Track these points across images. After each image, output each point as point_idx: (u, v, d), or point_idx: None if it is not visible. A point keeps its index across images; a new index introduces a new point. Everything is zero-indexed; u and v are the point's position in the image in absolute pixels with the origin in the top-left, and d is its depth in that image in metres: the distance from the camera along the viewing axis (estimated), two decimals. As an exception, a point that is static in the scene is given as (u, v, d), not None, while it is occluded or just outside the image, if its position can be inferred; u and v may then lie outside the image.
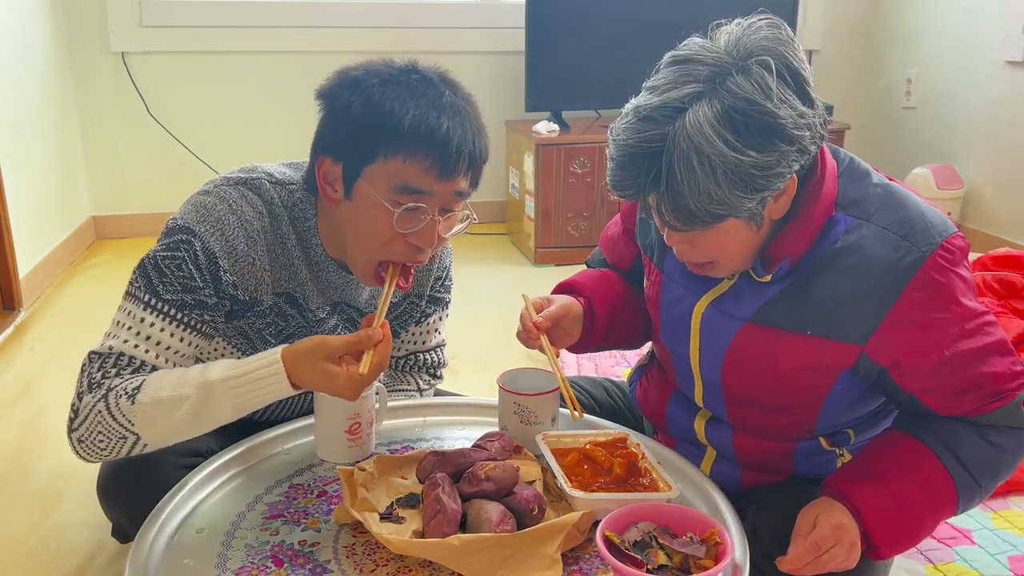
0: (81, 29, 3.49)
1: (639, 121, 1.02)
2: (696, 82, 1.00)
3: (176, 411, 1.11)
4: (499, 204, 4.04)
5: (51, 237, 3.20)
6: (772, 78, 0.99)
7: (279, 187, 1.27)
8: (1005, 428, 1.13)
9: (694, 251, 1.12)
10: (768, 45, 1.01)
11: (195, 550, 1.05)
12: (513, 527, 1.03)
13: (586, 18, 3.54)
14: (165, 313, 1.18)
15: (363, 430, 1.23)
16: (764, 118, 0.98)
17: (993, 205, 3.47)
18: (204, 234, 1.19)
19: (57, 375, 2.40)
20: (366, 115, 1.14)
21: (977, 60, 3.47)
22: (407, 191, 1.14)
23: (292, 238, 1.26)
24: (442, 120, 1.13)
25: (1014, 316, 2.38)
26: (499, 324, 2.84)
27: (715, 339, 1.21)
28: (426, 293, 1.47)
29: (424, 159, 1.13)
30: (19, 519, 1.77)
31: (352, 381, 1.09)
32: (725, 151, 0.98)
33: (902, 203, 1.12)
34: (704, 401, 1.28)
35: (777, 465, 1.27)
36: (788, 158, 1.01)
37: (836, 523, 1.08)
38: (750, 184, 1.00)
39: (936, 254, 1.07)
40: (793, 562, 1.06)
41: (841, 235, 1.10)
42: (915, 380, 1.12)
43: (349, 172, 1.17)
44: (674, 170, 1.00)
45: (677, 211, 1.03)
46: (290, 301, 1.30)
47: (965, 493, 1.12)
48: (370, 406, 1.23)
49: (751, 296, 1.16)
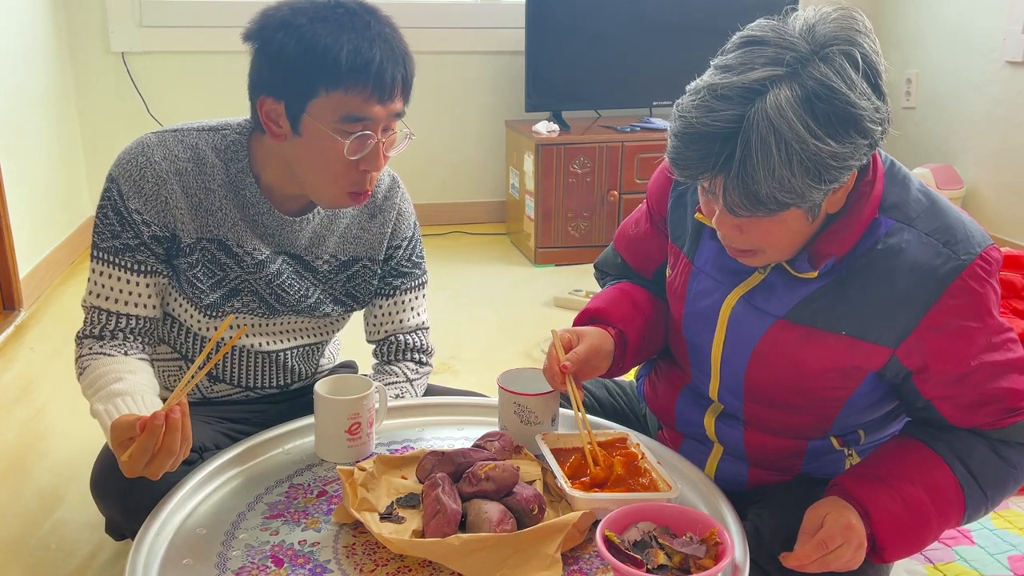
0: (81, 29, 3.49)
1: (714, 99, 0.99)
2: (776, 65, 0.97)
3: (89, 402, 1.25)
4: (499, 204, 4.04)
5: (51, 237, 3.20)
6: (855, 71, 0.97)
7: (210, 132, 1.34)
8: (1016, 444, 1.13)
9: (743, 237, 1.08)
10: (846, 35, 0.99)
11: (195, 550, 1.05)
12: (513, 527, 1.03)
13: (586, 18, 3.54)
14: (107, 261, 1.31)
15: (363, 430, 1.23)
16: (847, 108, 0.96)
17: (993, 205, 3.47)
18: (118, 177, 1.30)
19: (57, 375, 2.40)
20: (302, 55, 1.20)
21: (977, 60, 3.47)
22: (351, 119, 1.22)
23: (219, 180, 1.32)
24: (374, 50, 1.21)
25: (1014, 316, 2.38)
26: (499, 324, 2.84)
27: (743, 334, 1.20)
28: (379, 257, 1.48)
29: (364, 89, 1.21)
30: (19, 519, 1.77)
31: (122, 464, 1.08)
32: (807, 137, 0.95)
33: (944, 211, 1.12)
34: (719, 396, 1.27)
35: (785, 464, 1.26)
36: (860, 151, 1.00)
37: (845, 523, 1.07)
38: (824, 174, 0.98)
39: (975, 263, 1.07)
40: (800, 558, 1.06)
41: (882, 237, 1.10)
42: (936, 387, 1.12)
43: (292, 109, 1.23)
44: (750, 152, 0.97)
45: (746, 195, 0.99)
46: (222, 248, 1.34)
47: (972, 504, 1.12)
48: (370, 406, 1.23)
49: (785, 293, 1.15)
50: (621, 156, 3.46)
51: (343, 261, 1.44)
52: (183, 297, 1.37)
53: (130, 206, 1.29)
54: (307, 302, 1.43)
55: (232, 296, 1.37)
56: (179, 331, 1.41)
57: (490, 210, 4.06)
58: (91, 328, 1.33)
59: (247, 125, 1.34)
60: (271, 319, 1.43)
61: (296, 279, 1.40)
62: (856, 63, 0.98)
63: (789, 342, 1.15)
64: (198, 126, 1.35)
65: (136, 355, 1.32)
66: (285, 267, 1.39)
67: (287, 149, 1.27)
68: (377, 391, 1.28)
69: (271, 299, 1.40)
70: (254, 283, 1.37)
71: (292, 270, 1.40)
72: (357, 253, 1.45)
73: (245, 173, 1.32)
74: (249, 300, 1.38)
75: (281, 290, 1.39)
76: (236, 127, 1.34)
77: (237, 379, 1.46)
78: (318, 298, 1.44)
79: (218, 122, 1.36)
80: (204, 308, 1.36)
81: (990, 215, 3.48)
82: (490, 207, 4.06)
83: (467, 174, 4.01)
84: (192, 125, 1.35)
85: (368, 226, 1.45)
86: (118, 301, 1.32)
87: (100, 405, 1.21)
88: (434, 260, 3.54)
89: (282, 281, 1.39)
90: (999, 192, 3.44)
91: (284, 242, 1.38)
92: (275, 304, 1.40)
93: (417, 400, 1.44)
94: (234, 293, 1.37)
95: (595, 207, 3.49)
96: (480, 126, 3.95)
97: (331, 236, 1.42)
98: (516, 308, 3.02)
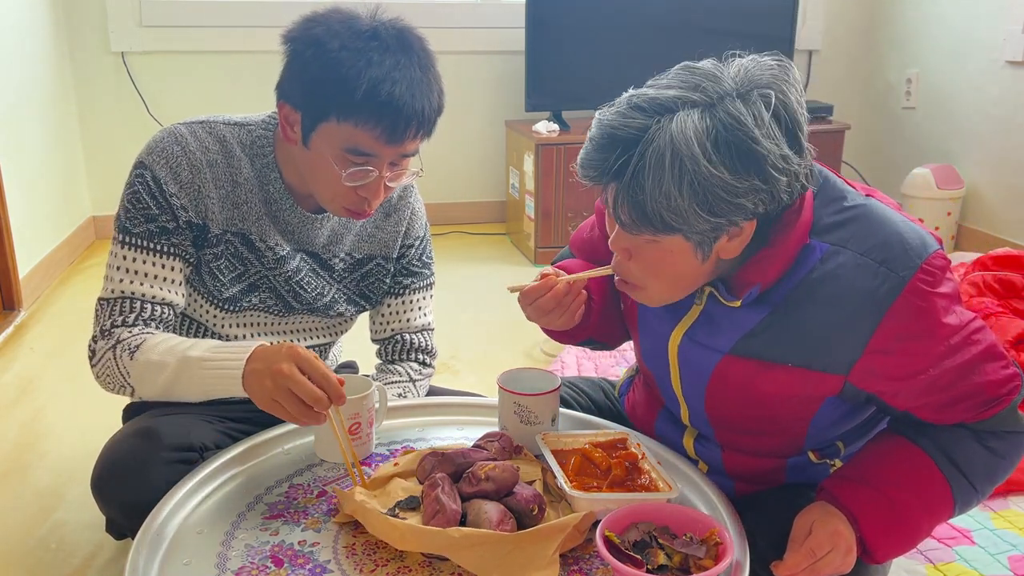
0: (81, 29, 3.49)
1: (629, 108, 1.01)
2: (695, 91, 0.99)
3: (159, 375, 1.22)
4: (499, 204, 4.04)
5: (51, 237, 3.20)
6: (767, 112, 0.98)
7: (236, 127, 1.35)
8: (1003, 432, 1.12)
9: (631, 265, 1.09)
10: (772, 82, 1.00)
11: (195, 550, 1.05)
12: (513, 527, 1.03)
13: (586, 18, 3.54)
14: (140, 246, 1.29)
15: (363, 430, 1.23)
16: (748, 143, 0.97)
17: (993, 205, 3.47)
18: (152, 163, 1.29)
19: (57, 375, 2.40)
20: (323, 79, 1.20)
21: (977, 60, 3.47)
22: (356, 152, 1.23)
23: (246, 174, 1.33)
24: (394, 90, 1.19)
25: (1014, 316, 2.38)
26: (499, 324, 2.84)
27: (694, 370, 1.19)
28: (392, 256, 1.50)
29: (374, 128, 1.21)
30: (19, 519, 1.77)
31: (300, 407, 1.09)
32: (699, 160, 0.96)
33: (880, 225, 1.08)
34: (691, 422, 1.27)
35: (768, 478, 1.26)
36: (757, 195, 0.99)
37: (832, 529, 1.07)
38: (713, 204, 0.98)
39: (915, 278, 1.04)
40: (790, 568, 1.05)
41: (817, 263, 1.07)
42: (907, 400, 1.11)
43: (306, 123, 1.25)
44: (644, 163, 0.98)
45: (633, 206, 1.00)
46: (245, 242, 1.35)
47: (961, 497, 1.12)
48: (370, 406, 1.23)
49: (728, 327, 1.14)
50: (621, 156, 3.45)
51: (358, 259, 1.46)
52: (199, 293, 1.37)
53: (168, 190, 1.28)
54: (322, 300, 1.44)
55: (251, 291, 1.38)
56: (189, 327, 1.41)
57: (490, 210, 4.06)
58: (122, 317, 1.27)
59: (271, 122, 1.36)
60: (286, 317, 1.44)
61: (313, 277, 1.42)
62: (770, 106, 0.98)
63: (740, 376, 1.14)
64: (224, 120, 1.36)
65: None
66: (303, 265, 1.40)
67: (297, 153, 1.30)
68: (377, 391, 1.28)
69: (288, 296, 1.41)
70: (273, 280, 1.39)
71: (309, 268, 1.41)
72: (372, 251, 1.47)
73: (271, 169, 1.34)
74: (267, 297, 1.40)
75: (300, 287, 1.41)
76: (261, 123, 1.36)
77: None
78: (333, 297, 1.45)
79: (241, 117, 1.37)
80: (222, 302, 1.37)
81: (990, 215, 3.48)
82: (490, 207, 4.06)
83: (467, 174, 4.01)
84: (218, 118, 1.36)
85: (383, 225, 1.47)
86: (152, 286, 1.29)
87: (198, 352, 1.19)
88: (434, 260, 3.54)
89: (300, 279, 1.40)
90: (999, 192, 3.44)
91: (304, 239, 1.39)
92: (292, 302, 1.42)
93: (417, 400, 1.44)
94: (253, 288, 1.38)
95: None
96: (480, 126, 3.95)
97: (348, 235, 1.44)
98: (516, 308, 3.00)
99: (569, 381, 1.52)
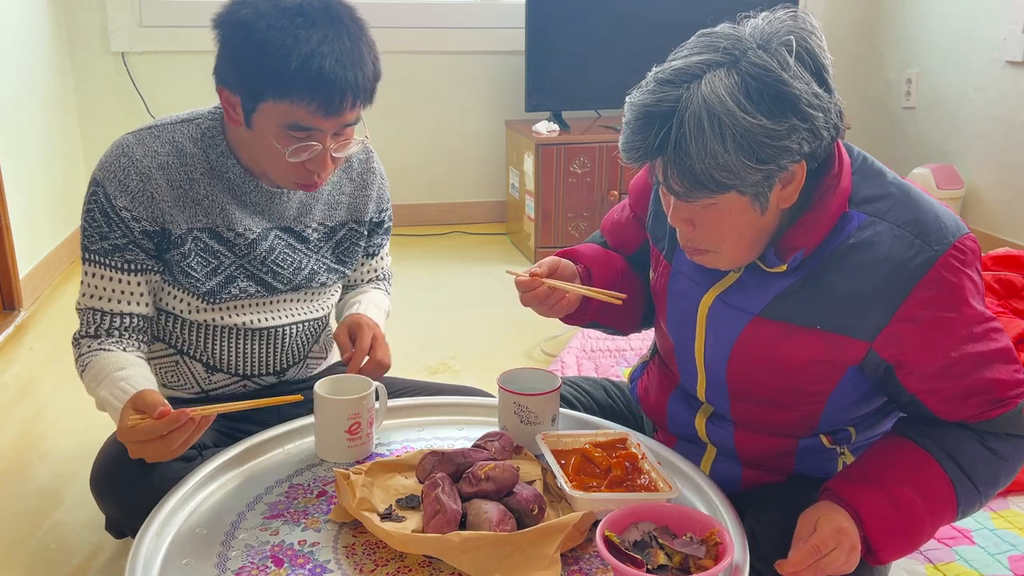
0: (81, 29, 3.49)
1: (656, 84, 1.04)
2: (717, 52, 1.02)
3: (93, 395, 1.29)
4: (499, 204, 4.04)
5: (51, 237, 3.20)
6: (790, 56, 1.01)
7: (184, 124, 1.37)
8: (1005, 435, 1.13)
9: (696, 233, 1.11)
10: (792, 30, 1.04)
11: (195, 550, 1.05)
12: (513, 527, 1.03)
13: (586, 18, 3.54)
14: (98, 263, 1.33)
15: (363, 430, 1.23)
16: (778, 86, 1.00)
17: (993, 205, 3.47)
18: (103, 179, 1.32)
19: (57, 375, 2.40)
20: (254, 61, 1.22)
21: (977, 60, 3.47)
22: (296, 128, 1.25)
23: (201, 168, 1.35)
24: (324, 64, 1.20)
25: (1014, 316, 2.38)
26: (499, 324, 2.84)
27: (722, 333, 1.20)
28: (365, 219, 1.53)
29: (310, 103, 1.22)
30: (19, 519, 1.77)
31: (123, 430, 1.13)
32: (736, 112, 0.99)
33: (916, 203, 1.11)
34: (706, 396, 1.28)
35: (778, 463, 1.26)
36: (798, 134, 1.01)
37: (837, 527, 1.07)
38: (757, 152, 1.00)
39: (948, 254, 1.07)
40: (794, 565, 1.05)
41: (854, 231, 1.10)
42: (920, 381, 1.12)
43: (246, 105, 1.27)
44: (684, 130, 1.00)
45: (683, 173, 1.03)
46: (213, 236, 1.37)
47: (965, 500, 1.12)
48: (370, 406, 1.23)
49: (759, 290, 1.16)
50: (621, 156, 3.46)
51: (331, 227, 1.49)
52: (178, 288, 1.38)
53: (117, 204, 1.31)
54: (302, 274, 1.46)
55: (229, 283, 1.40)
56: (175, 324, 1.42)
57: (490, 210, 4.06)
58: (87, 328, 1.35)
59: (218, 112, 1.37)
60: (271, 298, 1.46)
61: (289, 252, 1.44)
62: (792, 50, 1.02)
63: (766, 338, 1.16)
64: (171, 120, 1.38)
65: (133, 352, 1.34)
66: (278, 242, 1.42)
67: (244, 134, 1.32)
68: (377, 391, 1.28)
69: (268, 278, 1.42)
70: (248, 266, 1.40)
71: (285, 244, 1.43)
72: (344, 218, 1.50)
73: (226, 156, 1.36)
74: (247, 285, 1.41)
75: (276, 266, 1.42)
76: (208, 115, 1.38)
77: (234, 366, 1.46)
78: (312, 268, 1.47)
79: (189, 113, 1.39)
80: (203, 295, 1.38)
81: (990, 215, 3.48)
82: (490, 207, 4.06)
83: (467, 174, 4.01)
84: (165, 119, 1.38)
85: (350, 191, 1.50)
86: (111, 300, 1.34)
87: (105, 391, 1.23)
88: (434, 260, 3.55)
89: (275, 257, 1.42)
90: (999, 192, 3.44)
91: (275, 215, 1.41)
92: (273, 282, 1.43)
93: (417, 400, 1.44)
94: (231, 280, 1.39)
95: (595, 207, 3.49)
96: (480, 126, 3.95)
97: (317, 204, 1.46)
98: (516, 308, 3.00)
99: (571, 380, 1.53)
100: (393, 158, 3.98)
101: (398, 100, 3.81)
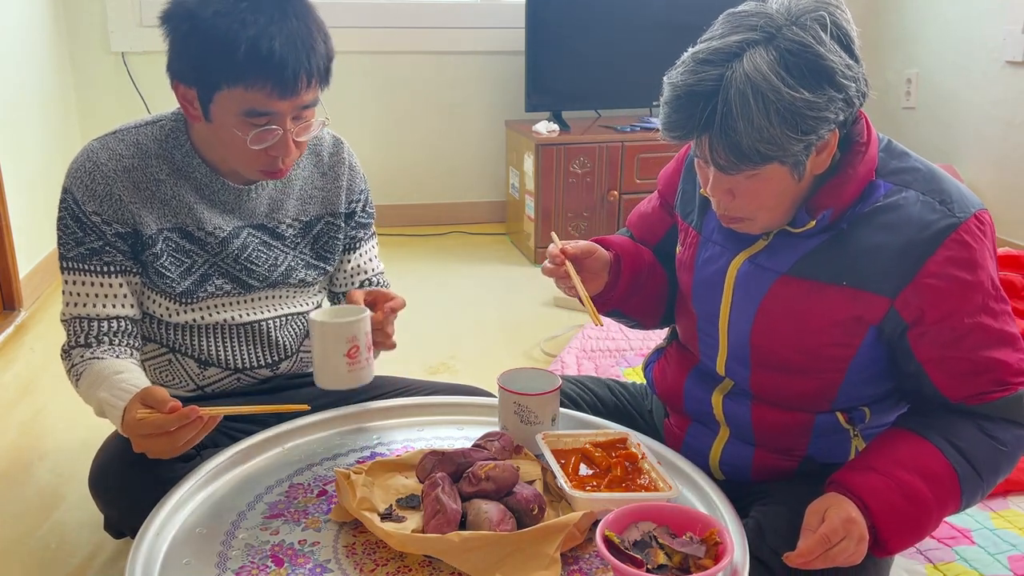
0: (81, 29, 3.49)
1: (696, 64, 1.08)
2: (752, 30, 1.07)
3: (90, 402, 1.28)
4: (499, 204, 4.04)
5: (51, 237, 3.18)
6: (824, 31, 1.06)
7: (148, 127, 1.38)
8: (1002, 421, 1.15)
9: (735, 202, 1.15)
10: (819, 5, 1.08)
11: (195, 550, 1.05)
12: (513, 527, 1.03)
13: (586, 18, 3.54)
14: (77, 269, 1.34)
15: (362, 354, 1.23)
16: (817, 60, 1.05)
17: (993, 205, 3.46)
18: (71, 186, 1.33)
19: (57, 375, 2.39)
20: (204, 49, 1.22)
21: (977, 60, 3.47)
22: (254, 114, 1.25)
23: (166, 169, 1.35)
24: (274, 45, 1.21)
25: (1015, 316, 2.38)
26: (499, 324, 2.84)
27: (749, 294, 1.24)
28: (340, 211, 1.51)
29: (264, 86, 1.22)
30: (19, 519, 1.77)
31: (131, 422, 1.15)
32: (780, 87, 1.03)
33: (940, 178, 1.18)
34: (727, 368, 1.29)
35: (792, 443, 1.27)
36: (835, 104, 1.07)
37: (846, 516, 1.08)
38: (800, 124, 1.05)
39: (971, 221, 1.13)
40: (803, 555, 1.06)
41: (881, 197, 1.16)
42: (931, 348, 1.15)
43: (202, 97, 1.27)
44: (730, 107, 1.05)
45: (730, 148, 1.07)
46: (184, 235, 1.37)
47: (968, 486, 1.14)
48: (367, 330, 1.25)
49: (788, 251, 1.20)
50: (621, 156, 3.46)
51: (306, 222, 1.48)
52: (155, 291, 1.39)
53: (87, 209, 1.32)
54: (277, 271, 1.45)
55: (204, 282, 1.40)
56: (159, 325, 1.42)
57: (490, 210, 4.06)
58: (76, 339, 1.33)
59: (181, 114, 1.37)
60: (246, 296, 1.45)
61: (264, 250, 1.43)
62: (826, 26, 1.07)
63: (792, 297, 1.19)
64: (135, 123, 1.39)
65: (127, 359, 1.33)
66: (251, 239, 1.42)
67: (205, 129, 1.32)
68: (370, 319, 1.29)
69: (243, 275, 1.42)
70: (222, 264, 1.40)
71: (258, 241, 1.43)
72: (319, 212, 1.50)
73: (191, 156, 1.36)
74: (222, 283, 1.41)
75: (249, 263, 1.42)
76: (171, 116, 1.38)
77: (224, 361, 1.46)
78: (289, 265, 1.46)
79: (153, 116, 1.40)
80: (177, 297, 1.38)
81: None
82: (490, 207, 4.06)
83: (467, 174, 4.01)
84: (130, 124, 1.39)
85: (322, 184, 1.50)
86: (96, 305, 1.34)
87: (105, 392, 1.23)
88: (434, 260, 3.55)
89: (248, 255, 1.41)
90: (999, 192, 3.44)
91: (245, 212, 1.41)
92: (248, 280, 1.43)
93: (417, 400, 1.44)
94: (205, 278, 1.39)
95: (595, 207, 3.49)
96: (480, 126, 3.95)
97: (288, 199, 1.46)
98: (516, 308, 3.02)
99: (574, 379, 1.54)
100: (393, 158, 3.99)
101: (398, 100, 3.81)
